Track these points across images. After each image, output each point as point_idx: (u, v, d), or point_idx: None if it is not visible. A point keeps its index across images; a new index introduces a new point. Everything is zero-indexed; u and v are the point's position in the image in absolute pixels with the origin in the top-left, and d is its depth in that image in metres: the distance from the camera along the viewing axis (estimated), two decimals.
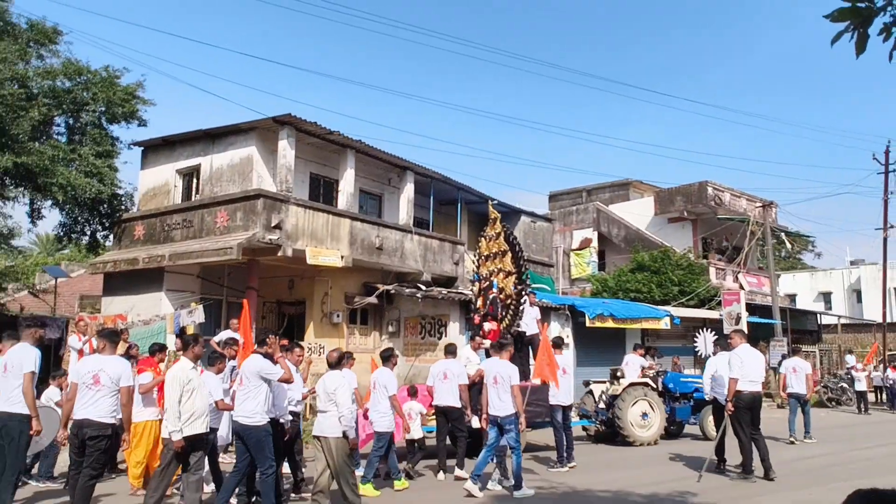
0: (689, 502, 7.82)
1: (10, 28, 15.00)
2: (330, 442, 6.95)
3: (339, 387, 7.01)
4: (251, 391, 6.75)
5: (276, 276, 17.13)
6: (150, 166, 17.84)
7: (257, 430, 6.68)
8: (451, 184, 20.05)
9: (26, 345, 6.75)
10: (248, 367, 6.89)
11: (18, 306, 19.23)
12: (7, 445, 6.64)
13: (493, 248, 12.63)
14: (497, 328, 11.88)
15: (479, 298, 12.77)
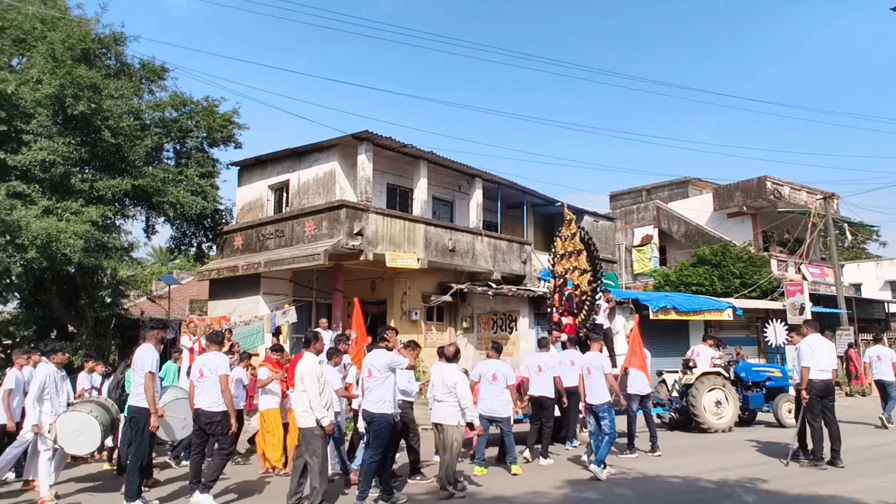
0: (758, 489, 7.44)
1: (126, 68, 15.79)
2: (446, 429, 7.18)
3: (459, 380, 7.20)
4: (380, 382, 6.87)
5: (360, 279, 17.40)
6: (246, 183, 18.46)
7: (383, 419, 6.81)
8: (516, 188, 19.89)
9: (149, 346, 7.08)
10: (376, 360, 7.01)
11: (139, 311, 20.28)
12: (133, 435, 7.00)
13: (568, 248, 12.49)
14: (573, 323, 11.77)
15: (554, 295, 12.64)
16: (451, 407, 7.21)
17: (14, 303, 15.58)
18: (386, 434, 6.83)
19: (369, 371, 7.05)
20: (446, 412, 7.26)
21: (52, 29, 14.14)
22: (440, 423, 7.33)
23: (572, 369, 10.08)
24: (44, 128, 12.89)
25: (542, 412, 9.63)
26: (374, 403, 6.86)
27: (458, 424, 7.22)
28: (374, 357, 7.14)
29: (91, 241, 12.66)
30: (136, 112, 15.09)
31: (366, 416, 6.99)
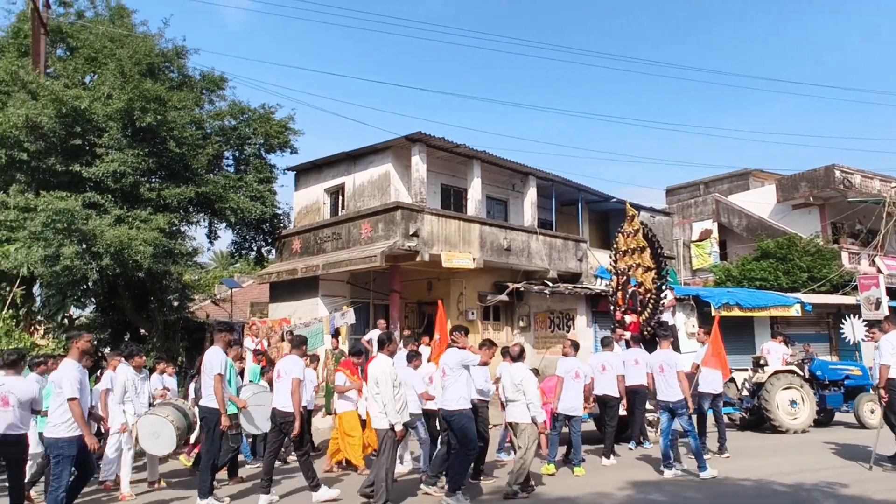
0: (837, 493, 7.10)
1: (188, 80, 16.36)
2: (520, 427, 7.27)
3: (525, 378, 7.30)
4: (454, 379, 6.99)
5: (416, 279, 17.53)
6: (302, 187, 18.85)
7: (461, 415, 6.92)
8: (571, 185, 19.65)
9: (217, 348, 7.31)
10: (450, 359, 7.15)
11: (204, 314, 20.99)
12: (205, 434, 7.25)
13: (630, 244, 12.31)
14: (637, 321, 11.60)
15: (617, 293, 12.46)
16: (522, 405, 7.30)
17: (91, 307, 16.34)
18: (470, 429, 6.93)
19: (443, 370, 7.20)
20: (519, 411, 7.34)
21: (120, 46, 14.77)
22: (514, 423, 7.41)
23: (636, 368, 9.96)
24: (115, 140, 13.48)
25: (607, 411, 9.56)
26: (450, 401, 6.98)
27: (530, 422, 7.28)
28: (447, 356, 7.28)
29: (159, 248, 13.17)
30: (198, 122, 15.58)
31: (444, 414, 7.08)
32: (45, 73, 14.33)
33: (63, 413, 5.95)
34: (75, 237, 12.41)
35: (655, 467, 8.71)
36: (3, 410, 6.37)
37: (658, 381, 8.39)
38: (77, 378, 6.00)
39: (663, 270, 11.81)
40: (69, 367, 6.08)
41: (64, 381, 5.98)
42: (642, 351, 10.50)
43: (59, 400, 5.98)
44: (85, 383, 6.17)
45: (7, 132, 12.81)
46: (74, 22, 16.22)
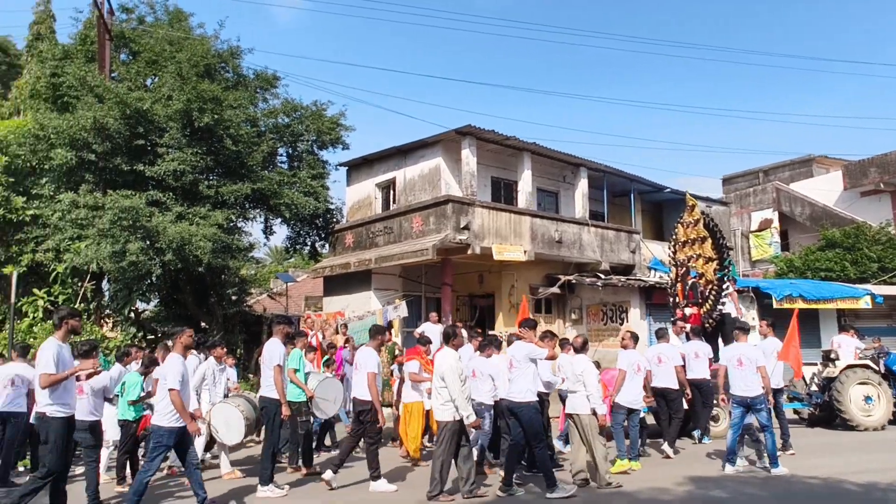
0: None
1: (243, 79, 16.81)
2: (582, 419, 7.27)
3: (586, 369, 7.30)
4: (521, 372, 7.02)
5: (467, 272, 17.55)
6: (354, 183, 19.10)
7: (528, 408, 6.95)
8: (623, 176, 19.29)
9: (276, 340, 7.50)
10: (517, 351, 7.19)
11: (261, 307, 21.57)
12: (266, 424, 7.46)
13: (690, 235, 12.03)
14: (698, 313, 11.34)
15: (677, 284, 12.20)
16: (583, 396, 7.29)
17: (155, 301, 17.01)
18: (537, 421, 6.97)
19: (510, 362, 7.21)
20: (580, 402, 7.33)
21: (179, 49, 15.28)
22: (575, 413, 7.40)
23: (697, 362, 9.75)
24: (174, 140, 13.97)
25: (669, 404, 9.38)
26: (517, 393, 6.99)
27: (590, 413, 7.27)
28: (514, 349, 7.30)
29: (218, 243, 13.59)
30: (253, 120, 15.99)
31: (510, 406, 7.09)
32: (110, 77, 14.96)
33: (168, 404, 6.22)
34: (140, 234, 12.95)
35: (715, 463, 8.49)
36: (78, 398, 6.74)
37: (734, 374, 8.09)
38: (180, 371, 6.25)
39: (726, 261, 11.49)
40: (173, 361, 6.37)
41: (168, 374, 6.27)
42: (703, 344, 10.26)
43: (164, 391, 6.28)
44: (187, 376, 6.44)
45: (77, 134, 13.44)
46: (136, 27, 16.87)
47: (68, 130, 13.42)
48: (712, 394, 9.90)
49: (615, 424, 8.30)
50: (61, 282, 14.13)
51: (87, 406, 6.82)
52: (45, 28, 19.37)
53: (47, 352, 5.91)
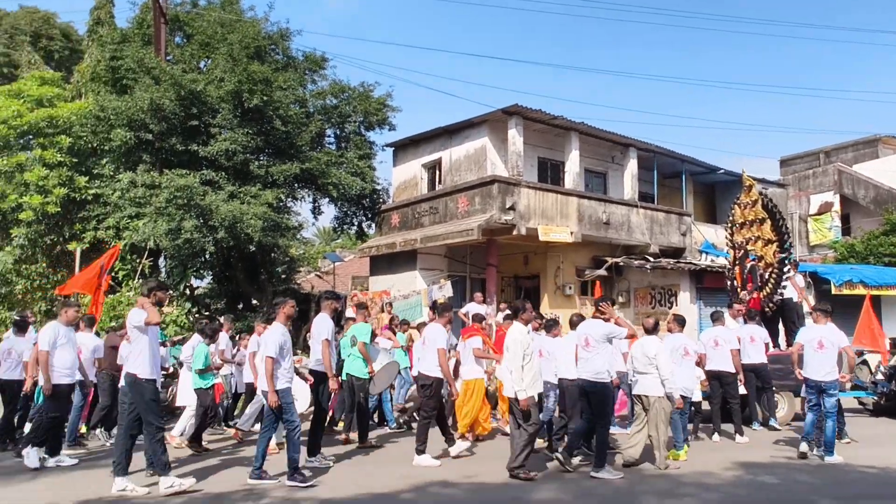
0: None
1: (292, 61, 17.02)
2: (652, 401, 7.19)
3: (659, 351, 7.20)
4: (598, 351, 7.00)
5: (512, 253, 17.49)
6: (400, 163, 19.19)
7: (604, 388, 6.97)
8: (674, 156, 18.81)
9: (325, 315, 7.66)
10: (594, 330, 7.15)
11: (309, 286, 22.02)
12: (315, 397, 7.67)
13: (748, 216, 11.70)
14: (756, 296, 11.04)
15: (734, 267, 11.91)
16: (654, 378, 7.18)
17: (208, 278, 17.54)
18: (609, 402, 7.01)
19: (586, 340, 7.13)
20: (650, 384, 7.23)
21: (230, 31, 15.57)
22: (644, 395, 7.31)
23: (752, 346, 9.57)
24: (226, 121, 14.30)
25: (725, 388, 9.20)
26: (591, 372, 6.96)
27: (662, 395, 7.18)
28: (590, 326, 7.23)
29: (268, 222, 13.90)
30: (302, 101, 16.21)
31: (583, 384, 7.09)
32: (165, 60, 15.38)
33: (284, 370, 6.59)
34: (194, 212, 13.35)
35: (767, 448, 8.29)
36: None
37: (811, 357, 7.86)
38: (278, 340, 6.56)
39: (787, 243, 11.14)
40: (274, 330, 6.69)
41: (268, 342, 6.57)
42: (759, 328, 10.04)
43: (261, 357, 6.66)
44: (287, 345, 6.73)
45: (135, 115, 13.89)
46: (190, 10, 17.27)
47: (127, 112, 13.88)
48: (769, 379, 9.67)
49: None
50: (121, 258, 14.70)
51: None
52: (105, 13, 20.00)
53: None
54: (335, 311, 8.00)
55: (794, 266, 11.63)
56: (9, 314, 14.96)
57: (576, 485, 6.56)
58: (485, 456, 8.04)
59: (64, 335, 7.42)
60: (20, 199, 14.15)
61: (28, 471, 7.16)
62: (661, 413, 7.17)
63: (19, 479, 6.85)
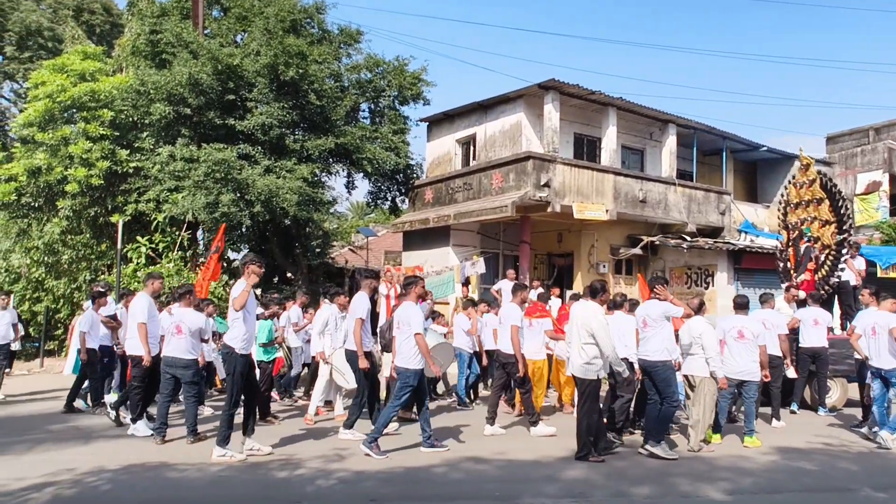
0: None
1: (327, 35, 16.95)
2: (697, 380, 7.21)
3: (704, 332, 7.15)
4: (656, 331, 7.03)
5: (546, 231, 17.33)
6: (434, 138, 19.07)
7: (663, 366, 7.01)
8: (714, 133, 18.29)
9: (363, 294, 7.65)
10: (652, 310, 7.16)
11: (343, 260, 22.21)
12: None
13: (804, 196, 11.36)
14: (811, 279, 10.76)
15: (788, 248, 11.60)
16: (700, 359, 7.15)
17: (244, 251, 17.82)
18: (673, 380, 7.02)
19: (644, 321, 7.16)
20: (697, 364, 7.21)
21: (267, 5, 15.56)
22: (691, 375, 7.30)
23: (816, 329, 9.34)
24: (262, 95, 14.35)
25: (770, 371, 8.96)
26: (652, 352, 7.01)
27: (708, 376, 7.13)
28: (649, 307, 7.24)
29: (303, 196, 14.00)
30: (336, 75, 16.15)
31: (645, 365, 7.13)
32: (203, 34, 15.45)
33: (412, 346, 6.79)
34: (231, 186, 13.51)
35: (806, 434, 8.13)
36: (176, 337, 7.27)
37: (870, 345, 7.69)
38: (422, 318, 6.97)
39: (846, 224, 10.80)
40: (415, 309, 6.99)
41: (412, 320, 6.84)
42: (822, 311, 9.78)
43: (407, 334, 6.84)
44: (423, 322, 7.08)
45: (174, 89, 14.04)
46: None
47: (166, 86, 14.03)
48: (827, 363, 9.46)
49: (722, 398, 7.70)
50: (161, 230, 15.00)
51: (185, 345, 7.29)
52: None
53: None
54: (374, 289, 8.01)
55: (854, 248, 11.27)
56: (55, 283, 15.49)
57: (608, 465, 6.54)
58: (517, 433, 8.07)
59: (147, 308, 7.64)
60: (66, 172, 14.50)
61: (80, 436, 7.47)
62: (707, 394, 7.11)
63: (73, 444, 7.16)
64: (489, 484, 5.89)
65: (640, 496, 5.62)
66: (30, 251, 15.48)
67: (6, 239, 16.32)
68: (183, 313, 7.42)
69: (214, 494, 5.54)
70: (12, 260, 15.88)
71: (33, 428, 7.98)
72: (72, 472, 5.93)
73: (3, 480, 5.66)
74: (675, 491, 5.77)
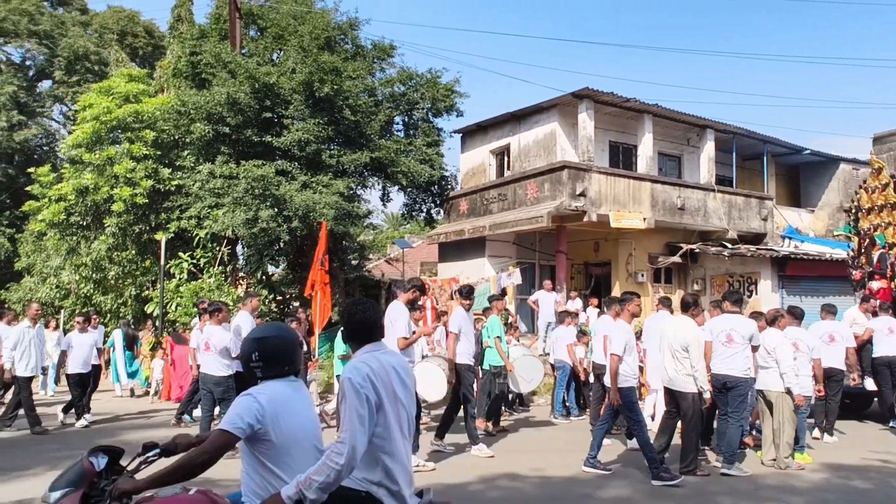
0: None
1: (360, 50, 17.16)
2: (773, 396, 6.99)
3: (779, 345, 6.95)
4: (741, 349, 6.83)
5: (583, 240, 17.14)
6: (468, 150, 19.07)
7: (745, 383, 6.83)
8: (754, 137, 17.85)
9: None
10: (740, 327, 6.93)
11: (379, 272, 22.36)
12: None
13: (877, 201, 10.99)
14: (888, 286, 10.38)
15: (860, 256, 11.22)
16: (775, 373, 6.93)
17: (282, 265, 18.09)
18: (747, 398, 6.90)
19: (729, 336, 6.89)
20: (771, 379, 6.99)
21: (302, 23, 15.84)
22: (766, 391, 7.08)
23: (891, 337, 9.01)
24: (298, 111, 14.60)
25: (831, 385, 8.62)
26: (736, 370, 6.79)
27: (783, 391, 6.90)
28: (736, 322, 6.97)
29: (340, 210, 14.15)
30: (370, 90, 16.32)
31: (723, 379, 6.88)
32: (240, 53, 15.82)
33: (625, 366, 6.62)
34: (269, 201, 13.74)
35: (860, 450, 7.79)
36: (205, 354, 7.43)
37: None
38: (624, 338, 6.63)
39: None
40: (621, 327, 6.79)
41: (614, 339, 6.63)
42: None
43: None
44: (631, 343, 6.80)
45: (213, 109, 14.39)
46: (263, 3, 17.66)
47: (205, 106, 14.39)
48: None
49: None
50: (202, 246, 15.34)
51: (215, 362, 7.46)
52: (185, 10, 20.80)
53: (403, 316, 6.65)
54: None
55: None
56: (102, 298, 15.97)
57: (648, 483, 6.38)
58: (555, 449, 7.96)
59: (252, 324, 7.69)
60: (111, 191, 14.97)
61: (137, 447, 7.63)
62: (785, 409, 6.85)
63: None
64: (527, 503, 5.81)
65: None
66: (79, 268, 16.01)
67: (57, 256, 16.94)
68: (211, 331, 7.61)
69: None
70: (63, 276, 16.47)
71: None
72: None
73: None
74: None
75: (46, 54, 27.05)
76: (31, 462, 7.09)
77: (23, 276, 19.52)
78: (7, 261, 24.22)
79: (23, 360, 8.74)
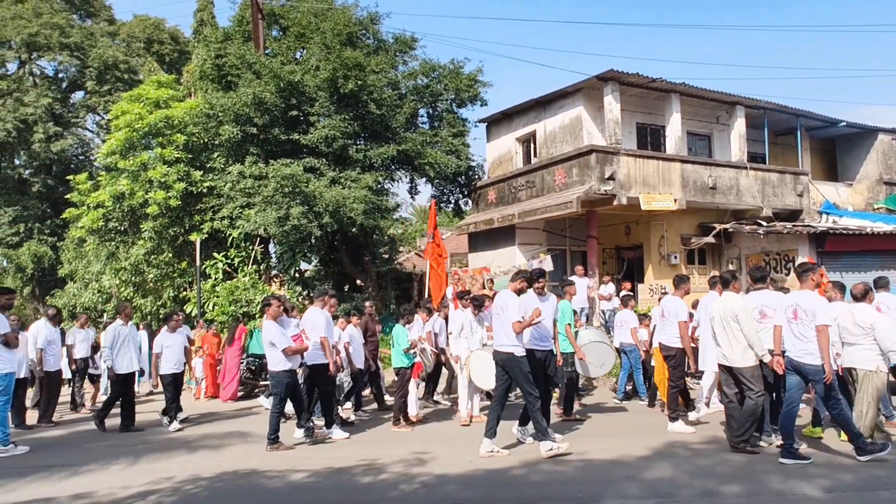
0: None
1: (382, 44, 17.21)
2: (860, 374, 6.67)
3: (876, 321, 6.58)
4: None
5: (613, 224, 16.96)
6: (494, 138, 18.99)
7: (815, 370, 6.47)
8: (787, 112, 17.42)
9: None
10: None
11: (411, 265, 22.45)
12: None
13: None
14: None
15: None
16: (866, 350, 6.55)
17: (315, 262, 18.30)
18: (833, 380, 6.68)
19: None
20: (859, 356, 6.62)
21: (323, 20, 15.94)
22: (853, 368, 6.76)
23: None
24: (324, 108, 14.71)
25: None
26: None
27: (876, 370, 6.52)
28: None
29: (369, 205, 14.25)
30: (394, 83, 16.35)
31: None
32: (264, 54, 15.99)
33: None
34: (299, 199, 13.89)
35: None
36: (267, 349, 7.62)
37: None
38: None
39: None
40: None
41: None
42: None
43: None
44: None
45: (240, 110, 14.59)
46: (285, 3, 17.80)
47: (232, 108, 14.59)
48: None
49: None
50: (236, 246, 15.60)
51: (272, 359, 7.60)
52: (207, 14, 21.13)
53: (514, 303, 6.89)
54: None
55: None
56: (142, 301, 16.35)
57: (691, 463, 6.31)
58: (596, 433, 7.93)
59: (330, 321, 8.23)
60: (146, 196, 15.29)
61: (182, 445, 7.89)
62: (873, 388, 6.49)
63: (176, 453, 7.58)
64: (569, 486, 5.80)
65: (731, 495, 5.39)
66: (118, 272, 16.42)
67: (97, 262, 17.41)
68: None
69: (301, 500, 5.71)
70: (103, 281, 16.92)
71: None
72: (170, 481, 6.24)
73: (111, 489, 6.03)
74: (767, 489, 5.50)
75: (78, 66, 27.68)
76: (84, 458, 7.33)
77: (66, 282, 20.13)
78: (51, 268, 24.99)
79: (119, 358, 9.18)
